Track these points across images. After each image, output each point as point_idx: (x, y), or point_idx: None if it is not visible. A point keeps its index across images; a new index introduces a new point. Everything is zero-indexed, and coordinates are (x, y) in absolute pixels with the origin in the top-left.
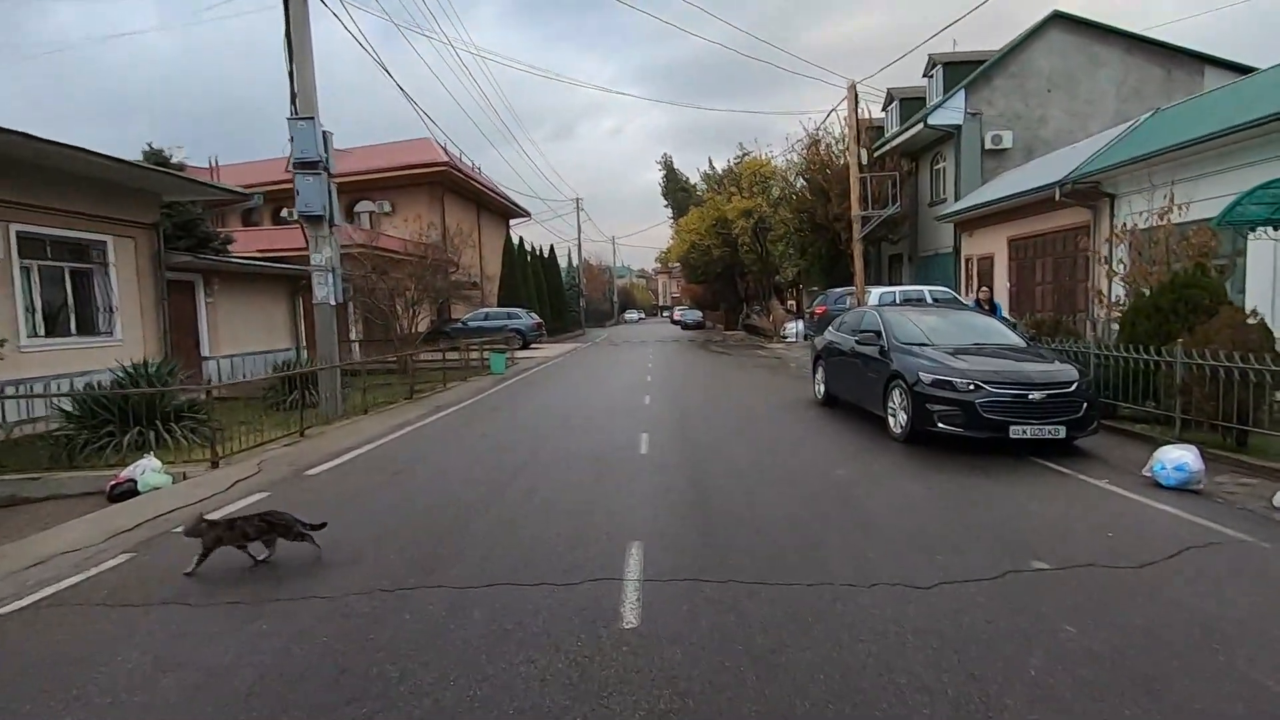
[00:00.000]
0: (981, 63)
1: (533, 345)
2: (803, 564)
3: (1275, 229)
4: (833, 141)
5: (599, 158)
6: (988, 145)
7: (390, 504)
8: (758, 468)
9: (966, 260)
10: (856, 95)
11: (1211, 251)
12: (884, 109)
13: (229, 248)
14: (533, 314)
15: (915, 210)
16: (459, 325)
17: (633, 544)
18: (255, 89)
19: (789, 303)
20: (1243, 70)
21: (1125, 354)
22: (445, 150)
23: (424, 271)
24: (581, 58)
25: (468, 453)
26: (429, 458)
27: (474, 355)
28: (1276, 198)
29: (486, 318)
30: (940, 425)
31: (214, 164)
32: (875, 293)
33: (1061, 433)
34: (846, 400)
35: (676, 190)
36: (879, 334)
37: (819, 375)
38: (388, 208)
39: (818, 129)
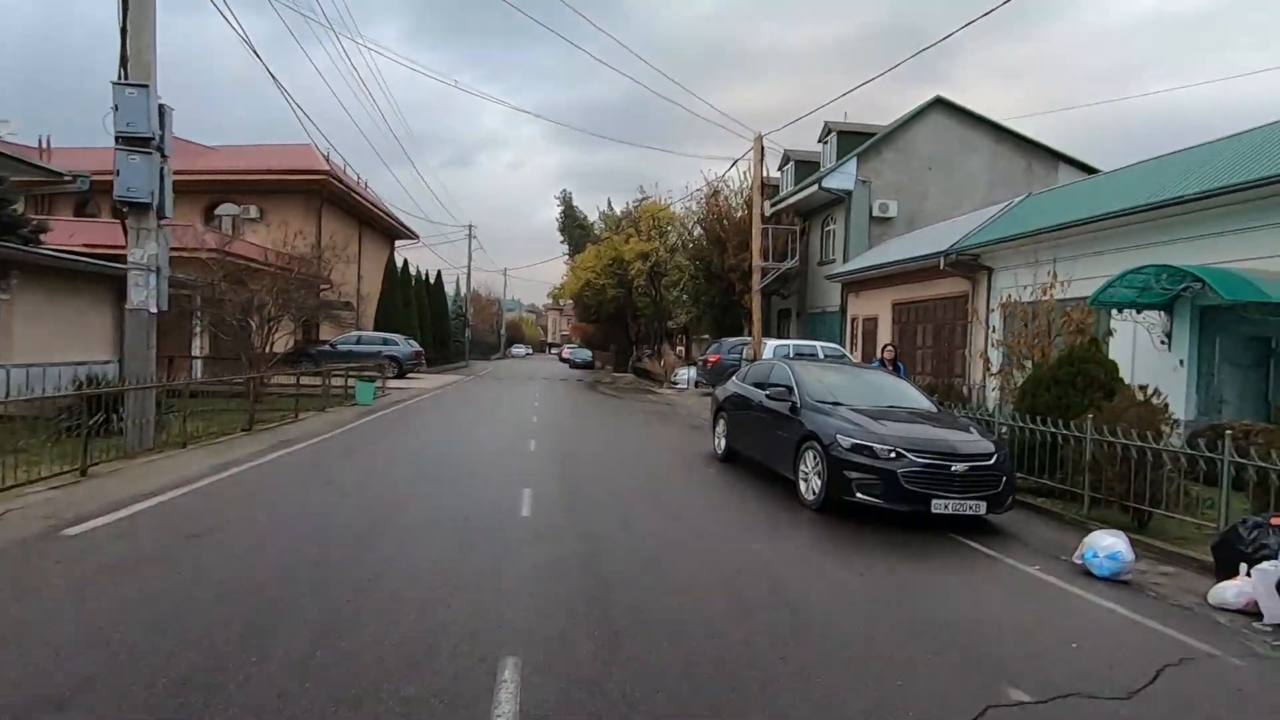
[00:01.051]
0: (872, 135)
1: (410, 375)
2: (740, 699)
3: (1139, 312)
4: (731, 194)
5: (496, 190)
6: (875, 212)
7: (164, 590)
8: (663, 540)
9: (853, 320)
10: (763, 148)
11: (1089, 328)
12: (779, 169)
13: (42, 237)
14: (412, 341)
15: (805, 268)
16: (326, 348)
17: (506, 661)
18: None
19: (678, 348)
20: (1089, 170)
21: (1038, 426)
22: (328, 159)
23: (287, 285)
24: (486, 87)
25: (302, 510)
26: (247, 515)
27: (338, 382)
28: (1145, 282)
29: (359, 341)
30: (859, 495)
31: (44, 143)
32: (770, 345)
33: (982, 509)
34: (749, 457)
35: (574, 227)
36: (790, 389)
37: (720, 428)
38: (254, 213)
39: (718, 180)
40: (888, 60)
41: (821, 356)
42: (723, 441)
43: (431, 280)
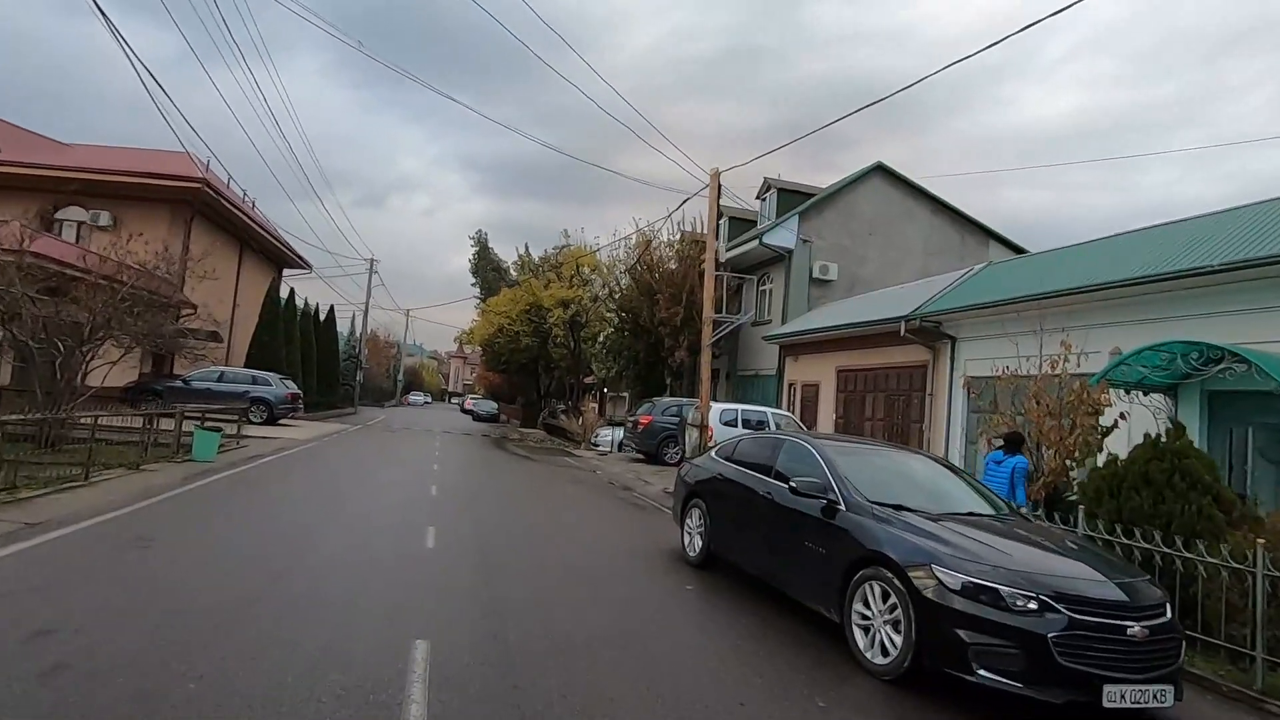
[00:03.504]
0: (811, 195)
1: (282, 421)
2: None
3: (1145, 394)
4: (662, 245)
5: (407, 234)
6: (815, 274)
7: None
8: None
9: (790, 385)
10: (720, 185)
11: (1103, 408)
12: None
13: None
14: (288, 381)
15: (737, 327)
16: (178, 384)
17: None
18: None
19: (591, 405)
20: (1017, 249)
21: (1170, 550)
22: (207, 167)
23: (117, 301)
24: (405, 130)
25: None
26: None
27: (173, 427)
28: (1162, 360)
29: (221, 378)
30: (982, 673)
31: None
32: (715, 409)
33: (1169, 698)
34: (738, 564)
35: (488, 269)
36: (826, 483)
37: (694, 523)
38: (106, 220)
39: (649, 226)
40: (798, 148)
41: (774, 425)
42: (698, 541)
43: (322, 316)
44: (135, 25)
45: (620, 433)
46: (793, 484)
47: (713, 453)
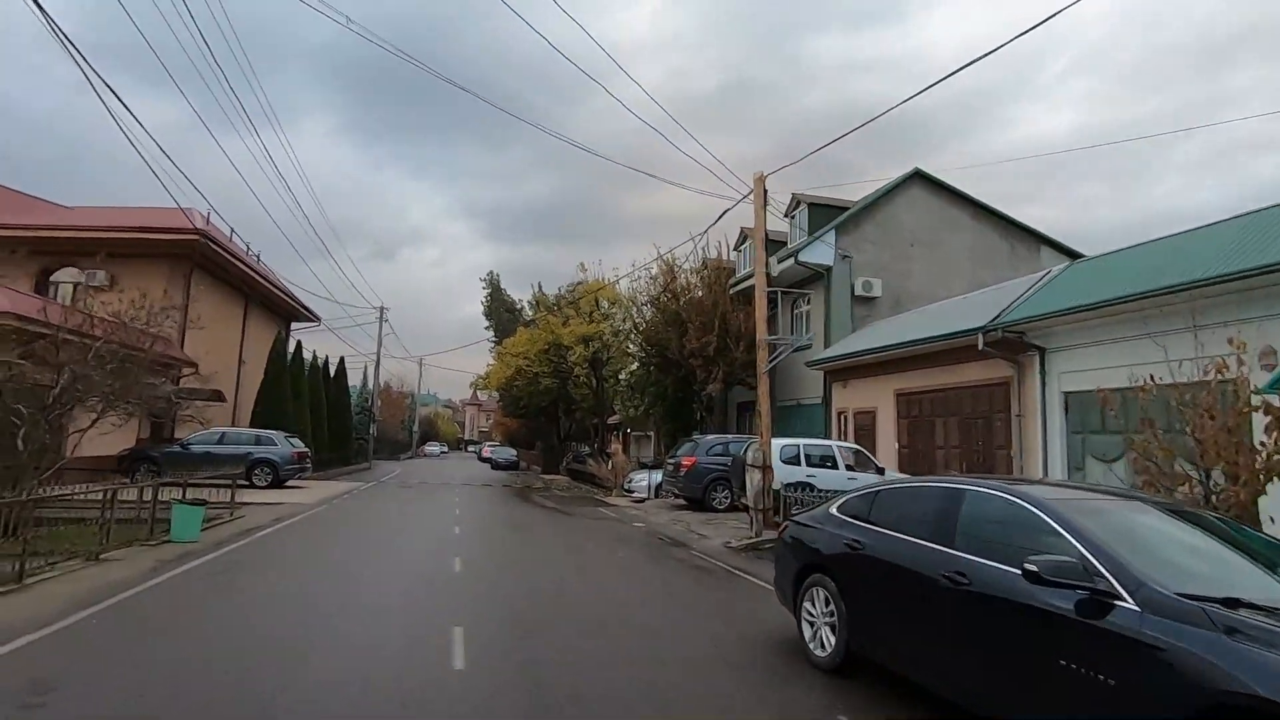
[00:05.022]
0: (845, 209)
1: (289, 483)
2: None
3: None
4: (689, 272)
5: (417, 284)
6: (858, 291)
7: None
8: None
9: (839, 414)
10: (765, 192)
11: None
12: (737, 248)
13: None
14: (294, 440)
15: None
16: (177, 449)
17: None
18: None
19: (617, 446)
20: (1073, 254)
21: None
22: (207, 220)
23: (89, 359)
24: (412, 182)
25: None
26: None
27: (150, 500)
28: None
29: (222, 440)
30: None
31: None
32: (776, 444)
33: None
34: (907, 675)
35: (502, 311)
36: (1082, 564)
37: (819, 607)
38: (101, 279)
39: (670, 252)
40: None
41: (841, 460)
42: (828, 634)
43: (333, 369)
44: (152, 99)
45: (655, 476)
46: (1029, 566)
47: (832, 508)
